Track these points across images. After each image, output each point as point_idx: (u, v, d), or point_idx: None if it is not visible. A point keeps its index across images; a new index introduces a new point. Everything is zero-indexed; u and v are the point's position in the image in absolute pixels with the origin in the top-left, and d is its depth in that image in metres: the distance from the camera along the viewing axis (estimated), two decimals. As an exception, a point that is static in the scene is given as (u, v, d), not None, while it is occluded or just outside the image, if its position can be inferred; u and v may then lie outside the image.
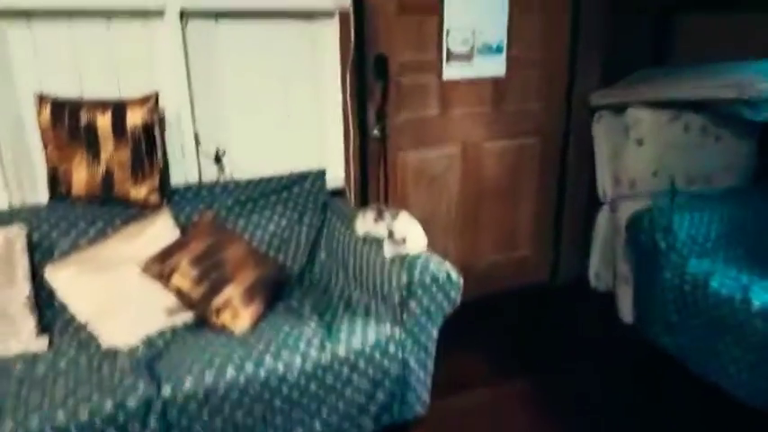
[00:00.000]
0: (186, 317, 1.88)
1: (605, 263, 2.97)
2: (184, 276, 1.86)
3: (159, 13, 2.15)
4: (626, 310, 2.73)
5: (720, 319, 2.09)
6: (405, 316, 1.83)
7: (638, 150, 2.60)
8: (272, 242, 2.23)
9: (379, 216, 2.05)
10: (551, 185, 3.05)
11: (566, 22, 2.82)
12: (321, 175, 2.46)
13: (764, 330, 1.94)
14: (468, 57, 2.68)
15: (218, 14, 2.27)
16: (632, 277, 2.64)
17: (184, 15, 2.20)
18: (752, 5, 2.73)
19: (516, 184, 2.97)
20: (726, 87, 2.30)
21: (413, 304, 1.82)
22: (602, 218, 2.91)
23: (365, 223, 2.09)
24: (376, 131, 2.55)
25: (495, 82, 2.77)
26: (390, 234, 1.95)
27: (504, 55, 2.74)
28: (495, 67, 2.74)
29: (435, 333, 1.90)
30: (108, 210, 2.07)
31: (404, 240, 1.92)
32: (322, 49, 2.47)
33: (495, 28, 2.69)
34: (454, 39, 2.63)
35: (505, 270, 3.08)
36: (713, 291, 2.13)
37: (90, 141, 2.03)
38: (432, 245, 1.99)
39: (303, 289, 2.15)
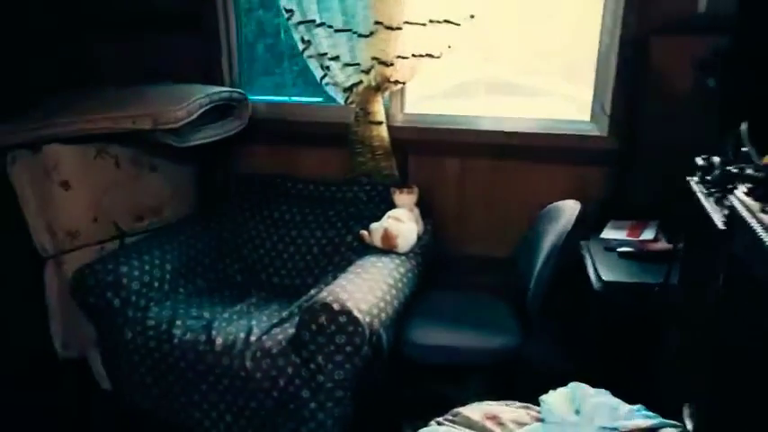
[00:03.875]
0: None
1: (70, 327, 2.50)
2: None
3: None
4: (102, 376, 2.35)
5: (191, 367, 1.94)
6: None
7: (68, 195, 2.19)
8: None
9: None
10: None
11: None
12: None
13: (230, 366, 1.87)
14: None
15: None
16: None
17: None
18: (159, 28, 2.67)
19: None
20: (142, 117, 2.12)
21: None
22: (50, 277, 2.39)
23: None
24: None
25: None
26: None
27: None
28: None
29: None
30: None
31: None
32: None
33: None
34: None
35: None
36: (178, 339, 1.95)
37: None
38: None
39: None
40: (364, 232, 2.20)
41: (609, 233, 1.99)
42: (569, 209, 1.88)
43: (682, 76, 2.08)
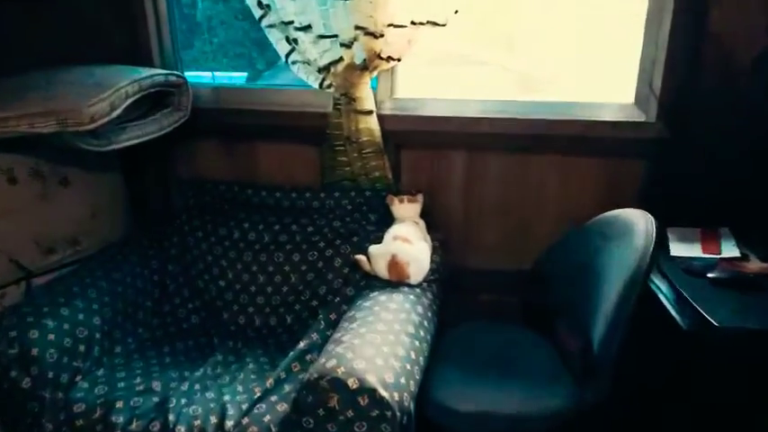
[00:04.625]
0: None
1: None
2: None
3: None
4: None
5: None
6: None
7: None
8: None
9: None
10: None
11: None
12: None
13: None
14: None
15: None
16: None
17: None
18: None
19: None
20: (44, 117, 1.50)
21: None
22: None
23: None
24: None
25: None
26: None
27: None
28: None
29: None
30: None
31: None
32: None
33: None
34: None
35: None
36: (121, 430, 1.39)
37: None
38: None
39: None
40: (361, 257, 1.70)
41: (679, 248, 1.59)
42: (641, 222, 1.44)
43: (747, 48, 1.68)
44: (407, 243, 1.65)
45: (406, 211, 1.81)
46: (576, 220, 1.80)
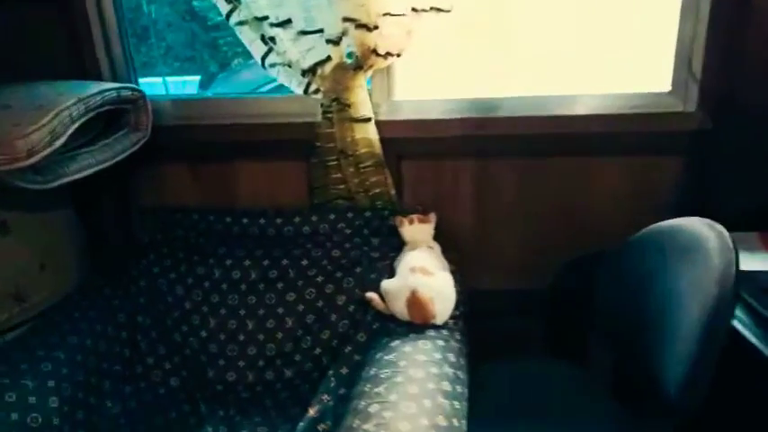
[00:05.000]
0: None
1: None
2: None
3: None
4: None
5: None
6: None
7: None
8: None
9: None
10: None
11: None
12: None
13: None
14: None
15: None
16: None
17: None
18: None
19: None
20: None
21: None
22: None
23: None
24: None
25: None
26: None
27: None
28: None
29: None
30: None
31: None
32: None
33: None
34: None
35: None
36: None
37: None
38: None
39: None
40: (374, 296, 1.42)
41: (746, 260, 1.35)
42: (710, 235, 1.21)
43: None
44: (428, 275, 1.38)
45: (418, 233, 1.54)
46: (605, 230, 1.55)
